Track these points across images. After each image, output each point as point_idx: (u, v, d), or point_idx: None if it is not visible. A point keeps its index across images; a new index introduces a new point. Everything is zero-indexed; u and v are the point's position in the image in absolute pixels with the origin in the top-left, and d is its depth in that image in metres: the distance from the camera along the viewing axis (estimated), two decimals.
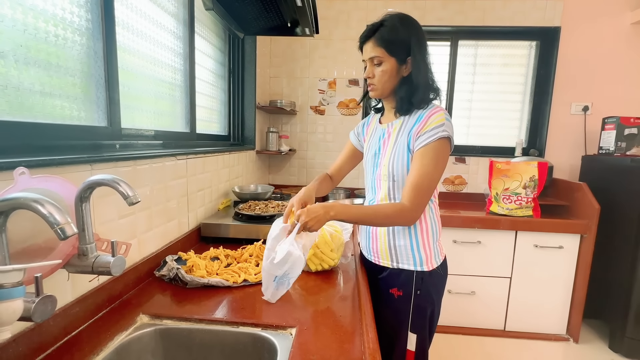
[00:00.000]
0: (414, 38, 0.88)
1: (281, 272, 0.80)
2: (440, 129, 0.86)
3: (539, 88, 2.43)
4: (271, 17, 1.44)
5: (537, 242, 1.98)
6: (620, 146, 2.07)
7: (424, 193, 0.86)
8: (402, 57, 0.89)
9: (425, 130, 0.87)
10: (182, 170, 1.19)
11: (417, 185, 0.86)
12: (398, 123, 0.96)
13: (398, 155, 0.92)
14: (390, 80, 0.91)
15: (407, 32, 0.88)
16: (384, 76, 0.91)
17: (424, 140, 0.87)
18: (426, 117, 0.88)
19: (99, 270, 0.59)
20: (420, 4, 2.35)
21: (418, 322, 0.96)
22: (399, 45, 0.88)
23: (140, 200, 0.58)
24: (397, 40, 0.88)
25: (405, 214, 0.87)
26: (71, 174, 0.69)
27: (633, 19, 2.21)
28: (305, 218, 0.82)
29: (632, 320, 1.84)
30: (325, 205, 0.85)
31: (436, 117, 0.87)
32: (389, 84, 0.92)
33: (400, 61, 0.90)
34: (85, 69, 0.86)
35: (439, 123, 0.86)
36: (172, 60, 1.30)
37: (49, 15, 0.74)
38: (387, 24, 0.88)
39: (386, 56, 0.89)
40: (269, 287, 0.83)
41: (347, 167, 1.18)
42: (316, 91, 2.51)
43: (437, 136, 0.85)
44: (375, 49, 0.89)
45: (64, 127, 0.79)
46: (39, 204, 0.42)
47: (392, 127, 0.97)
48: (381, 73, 0.90)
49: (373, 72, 0.92)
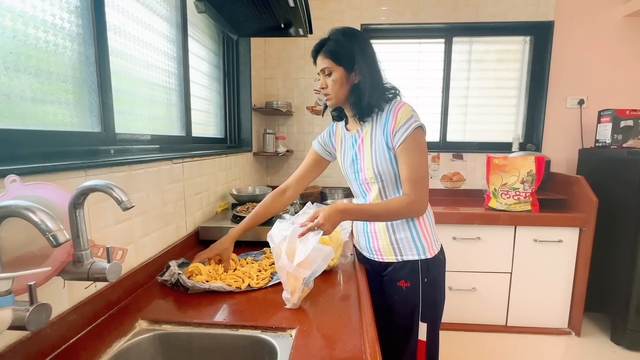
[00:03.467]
0: (357, 47, 0.94)
1: (310, 271, 0.80)
2: (411, 120, 0.92)
3: (534, 83, 2.44)
4: (264, 18, 1.44)
5: (536, 236, 1.98)
6: (617, 139, 2.07)
7: (422, 182, 0.92)
8: (349, 65, 0.95)
9: (399, 126, 0.92)
10: (178, 174, 1.18)
11: (414, 178, 0.92)
12: (367, 127, 1.00)
13: (379, 156, 0.96)
14: (342, 89, 0.97)
15: (349, 43, 0.94)
16: (335, 85, 0.96)
17: (402, 135, 0.91)
18: (394, 114, 0.94)
19: (95, 277, 0.58)
20: (413, 1, 2.36)
21: (428, 311, 0.99)
22: (343, 55, 0.94)
23: (134, 205, 0.57)
24: (341, 50, 0.94)
25: (414, 205, 0.92)
26: (65, 181, 0.68)
27: (626, 12, 2.22)
28: (323, 222, 0.85)
29: (633, 312, 1.84)
30: (341, 210, 0.89)
31: (404, 112, 0.93)
32: (341, 92, 0.97)
33: (348, 70, 0.96)
34: (78, 75, 0.85)
35: (409, 116, 0.92)
36: (165, 64, 1.29)
37: (39, 22, 0.74)
38: (332, 38, 0.96)
39: (334, 66, 0.95)
40: (296, 292, 0.81)
41: (311, 176, 1.20)
42: (312, 91, 2.50)
43: (412, 128, 0.91)
44: (324, 61, 0.96)
45: (56, 133, 0.78)
46: (31, 211, 0.42)
47: (362, 132, 1.01)
48: (332, 82, 0.97)
49: (326, 82, 0.98)
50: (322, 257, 0.81)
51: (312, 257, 0.80)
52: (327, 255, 0.82)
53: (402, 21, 2.38)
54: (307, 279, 0.80)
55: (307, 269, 0.80)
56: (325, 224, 0.85)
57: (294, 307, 0.82)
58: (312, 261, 0.80)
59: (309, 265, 0.80)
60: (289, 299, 0.82)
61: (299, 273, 0.80)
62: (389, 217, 0.95)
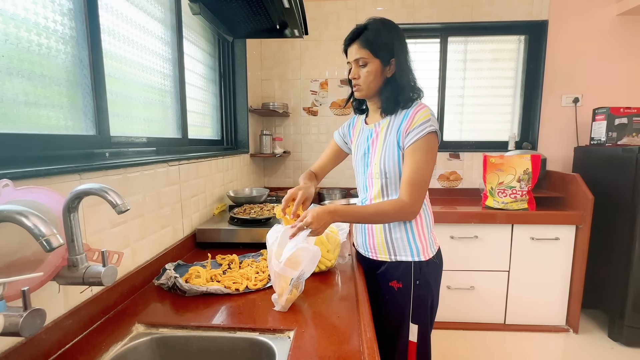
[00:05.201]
0: (396, 40, 0.92)
1: (297, 272, 0.79)
2: (427, 124, 0.90)
3: (530, 81, 2.45)
4: (259, 19, 1.44)
5: (533, 234, 1.99)
6: (612, 136, 2.09)
7: (420, 187, 0.90)
8: (386, 58, 0.93)
9: (414, 127, 0.90)
10: (174, 177, 1.18)
11: (413, 181, 0.90)
12: (385, 122, 0.99)
13: (389, 153, 0.95)
14: (375, 81, 0.95)
15: (390, 35, 0.92)
16: (369, 77, 0.94)
17: (414, 137, 0.90)
18: (412, 114, 0.92)
19: (90, 281, 0.58)
20: (409, 2, 2.36)
21: (419, 312, 0.99)
22: (382, 47, 0.92)
23: (129, 208, 0.57)
24: (381, 42, 0.92)
25: (405, 209, 0.90)
26: (59, 185, 0.67)
27: (619, 10, 2.24)
28: (311, 221, 0.84)
29: (630, 308, 1.85)
30: (331, 211, 0.88)
31: (422, 114, 0.91)
32: (374, 84, 0.95)
33: (384, 62, 0.94)
34: (72, 78, 0.84)
35: (426, 119, 0.90)
36: (161, 66, 1.29)
37: (32, 24, 0.73)
38: (371, 27, 0.92)
39: (371, 57, 0.93)
40: (284, 294, 0.80)
41: (330, 166, 1.20)
42: (308, 92, 2.50)
43: (425, 132, 0.89)
44: (360, 51, 0.93)
45: (50, 137, 0.78)
46: (23, 216, 0.41)
47: (379, 126, 1.00)
48: (366, 74, 0.94)
49: (358, 73, 0.95)
50: (309, 257, 0.80)
51: (297, 255, 0.79)
52: (314, 256, 0.81)
53: (398, 21, 2.32)
54: (294, 280, 0.80)
55: (294, 269, 0.79)
56: (313, 222, 0.84)
57: (283, 310, 0.81)
58: (299, 261, 0.79)
59: (296, 265, 0.79)
60: (277, 300, 0.82)
61: (285, 272, 0.79)
62: (379, 219, 0.94)
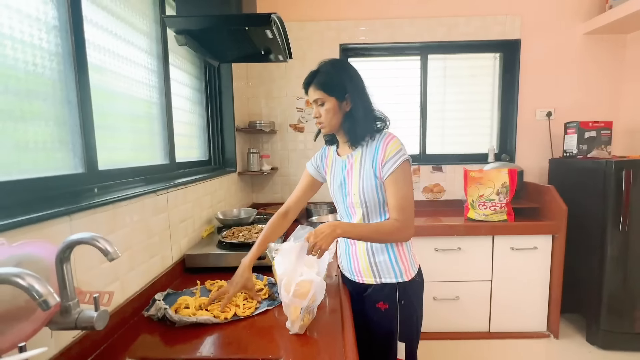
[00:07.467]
0: (346, 78, 1.01)
1: (306, 302, 0.84)
2: (400, 154, 0.98)
3: (505, 96, 2.57)
4: (244, 47, 1.49)
5: (513, 244, 2.07)
6: (582, 149, 2.21)
7: (409, 210, 0.99)
8: (341, 94, 1.01)
9: (389, 158, 0.98)
10: (162, 205, 1.20)
11: (402, 206, 0.98)
12: (357, 154, 1.05)
13: (366, 183, 1.02)
14: (336, 117, 1.03)
15: (339, 74, 1.01)
16: (328, 114, 1.02)
17: (391, 167, 0.98)
18: (383, 146, 1.00)
19: (83, 326, 0.60)
20: (390, 22, 2.46)
21: (405, 331, 1.04)
22: (334, 85, 1.00)
23: (120, 256, 0.60)
24: (331, 82, 1.00)
25: (402, 230, 0.98)
26: (50, 228, 0.70)
27: (585, 30, 2.38)
28: (314, 240, 0.90)
29: (605, 313, 1.95)
30: (331, 224, 0.94)
31: (393, 145, 0.99)
32: (334, 120, 1.03)
33: (339, 99, 1.01)
34: (60, 117, 0.87)
35: (397, 149, 0.99)
36: (148, 95, 1.32)
37: (21, 69, 0.76)
38: (322, 70, 1.02)
39: (326, 97, 1.01)
40: (296, 322, 0.85)
41: (306, 198, 1.24)
42: (294, 109, 2.55)
43: (400, 161, 0.98)
44: (316, 92, 1.02)
45: (40, 180, 0.80)
46: (20, 277, 0.44)
47: (352, 158, 1.07)
48: (325, 112, 1.02)
49: (319, 112, 1.04)
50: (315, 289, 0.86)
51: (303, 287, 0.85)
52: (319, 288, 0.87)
53: (380, 40, 2.48)
54: (304, 309, 0.85)
55: (302, 299, 0.84)
56: (310, 236, 0.91)
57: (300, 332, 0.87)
58: (305, 292, 0.85)
59: (304, 296, 0.85)
60: (290, 326, 0.87)
61: (294, 303, 0.85)
62: (379, 238, 1.00)
